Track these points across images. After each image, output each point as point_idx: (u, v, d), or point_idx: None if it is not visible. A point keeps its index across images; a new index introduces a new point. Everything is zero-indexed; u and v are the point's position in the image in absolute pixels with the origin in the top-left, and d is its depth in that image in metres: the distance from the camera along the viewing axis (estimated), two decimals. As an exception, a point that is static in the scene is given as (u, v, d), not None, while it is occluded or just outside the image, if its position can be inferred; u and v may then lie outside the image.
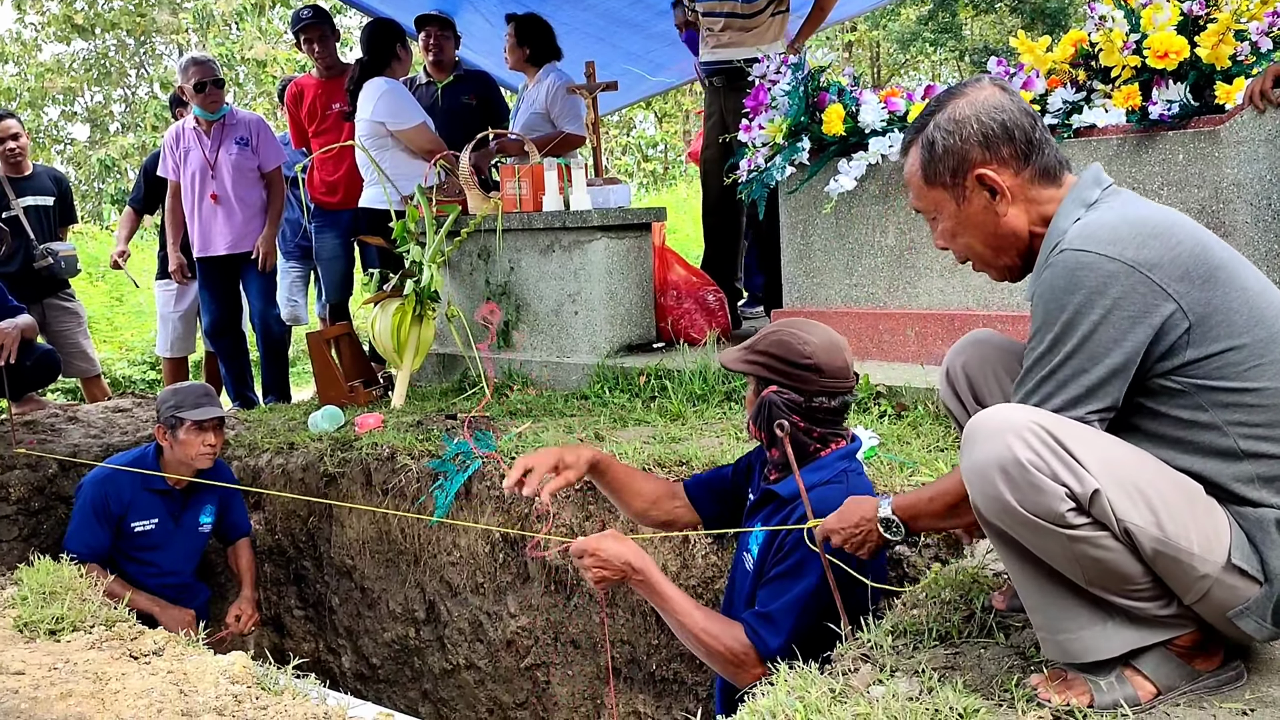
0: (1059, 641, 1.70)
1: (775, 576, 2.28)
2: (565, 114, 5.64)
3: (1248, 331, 1.65)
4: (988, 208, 1.83)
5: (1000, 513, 1.63)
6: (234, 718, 1.84)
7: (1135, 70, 3.54)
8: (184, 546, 4.03)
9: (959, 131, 1.81)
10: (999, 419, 1.63)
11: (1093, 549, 1.59)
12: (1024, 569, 1.71)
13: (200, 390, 3.94)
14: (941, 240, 1.94)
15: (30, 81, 17.44)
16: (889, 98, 4.06)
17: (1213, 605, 1.63)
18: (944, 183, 1.85)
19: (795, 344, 2.33)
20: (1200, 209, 3.41)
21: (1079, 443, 1.59)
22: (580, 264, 4.75)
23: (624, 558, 2.32)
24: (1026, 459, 1.57)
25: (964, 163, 1.81)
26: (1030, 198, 1.81)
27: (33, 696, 1.90)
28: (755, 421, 2.40)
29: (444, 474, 3.93)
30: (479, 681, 4.06)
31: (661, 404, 4.23)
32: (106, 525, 3.77)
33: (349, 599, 4.42)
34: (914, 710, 1.72)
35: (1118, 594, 1.64)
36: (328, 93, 6.00)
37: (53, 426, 4.96)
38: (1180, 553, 1.59)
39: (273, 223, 5.79)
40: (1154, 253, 1.64)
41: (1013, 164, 1.80)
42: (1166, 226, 1.68)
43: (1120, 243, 1.65)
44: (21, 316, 4.36)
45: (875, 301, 4.18)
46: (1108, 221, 1.69)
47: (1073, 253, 1.67)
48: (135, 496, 3.84)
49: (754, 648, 2.22)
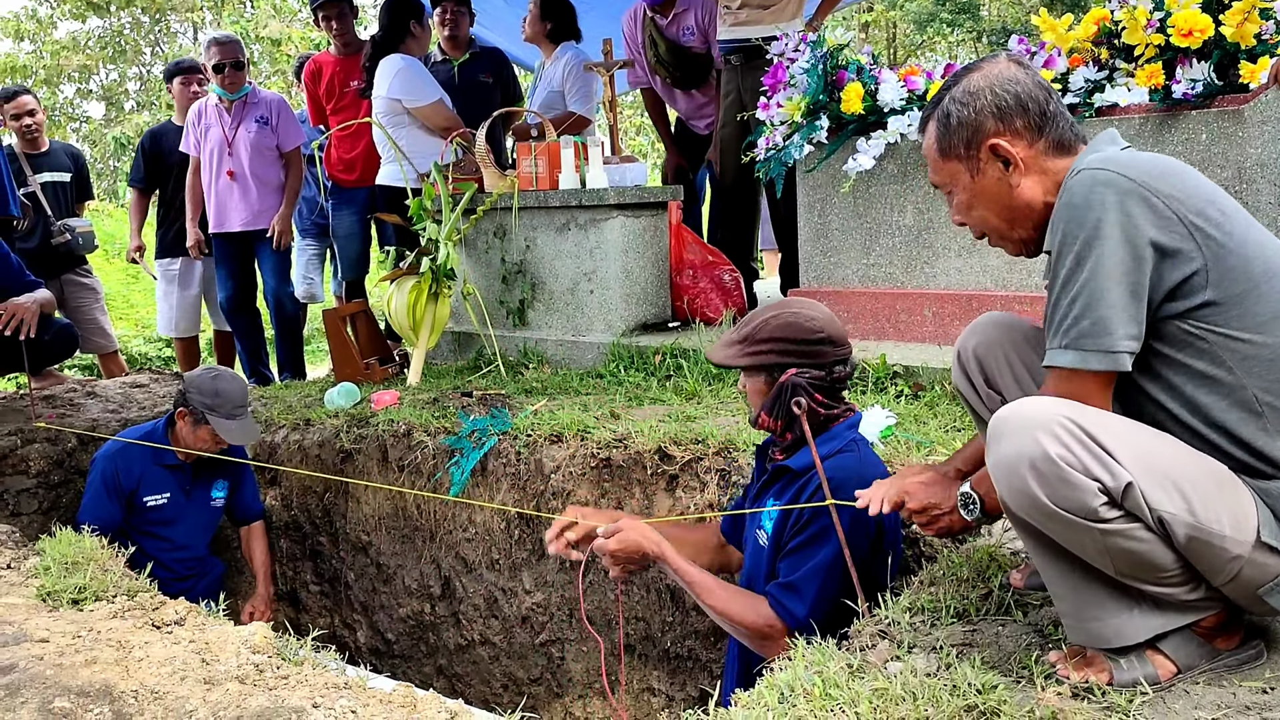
0: (1086, 627, 1.69)
1: (795, 548, 2.29)
2: (577, 93, 5.62)
3: (1265, 280, 1.64)
4: (1001, 179, 1.83)
5: (1030, 508, 1.61)
6: (256, 686, 1.86)
7: (1159, 49, 3.50)
8: (197, 521, 4.05)
9: (973, 103, 1.82)
10: (1026, 413, 1.61)
11: (1125, 541, 1.58)
12: (1051, 560, 1.70)
13: (239, 399, 3.84)
14: (958, 214, 1.94)
15: (46, 59, 17.49)
16: (908, 76, 4.03)
17: (1243, 585, 1.62)
18: (959, 155, 1.86)
19: (802, 322, 2.33)
20: (1223, 189, 3.38)
21: (1109, 434, 1.57)
22: (596, 242, 4.75)
23: (640, 548, 2.36)
24: (1057, 454, 1.55)
25: (978, 134, 1.82)
26: (1044, 169, 1.81)
27: (58, 663, 1.92)
28: (772, 411, 2.37)
29: (460, 451, 3.94)
30: (494, 657, 4.08)
31: (677, 383, 4.23)
32: (117, 499, 3.79)
33: (364, 574, 4.44)
34: (932, 686, 1.72)
35: (1148, 582, 1.64)
36: (346, 70, 6.00)
37: (71, 401, 4.99)
38: (1213, 536, 1.57)
39: (289, 202, 5.81)
40: (1171, 185, 1.63)
41: (1026, 135, 1.81)
42: (1184, 168, 1.69)
43: (1139, 168, 1.65)
44: (40, 291, 4.38)
45: (893, 281, 4.17)
46: (1121, 157, 1.69)
47: (1090, 171, 1.66)
48: (146, 471, 3.86)
49: (780, 618, 2.23)
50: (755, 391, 2.40)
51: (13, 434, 4.32)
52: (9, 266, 4.45)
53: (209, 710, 1.74)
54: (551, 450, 3.74)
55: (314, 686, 1.88)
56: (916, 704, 1.67)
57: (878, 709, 1.68)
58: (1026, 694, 1.70)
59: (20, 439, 4.33)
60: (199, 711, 1.74)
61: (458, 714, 1.76)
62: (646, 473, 3.50)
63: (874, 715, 1.66)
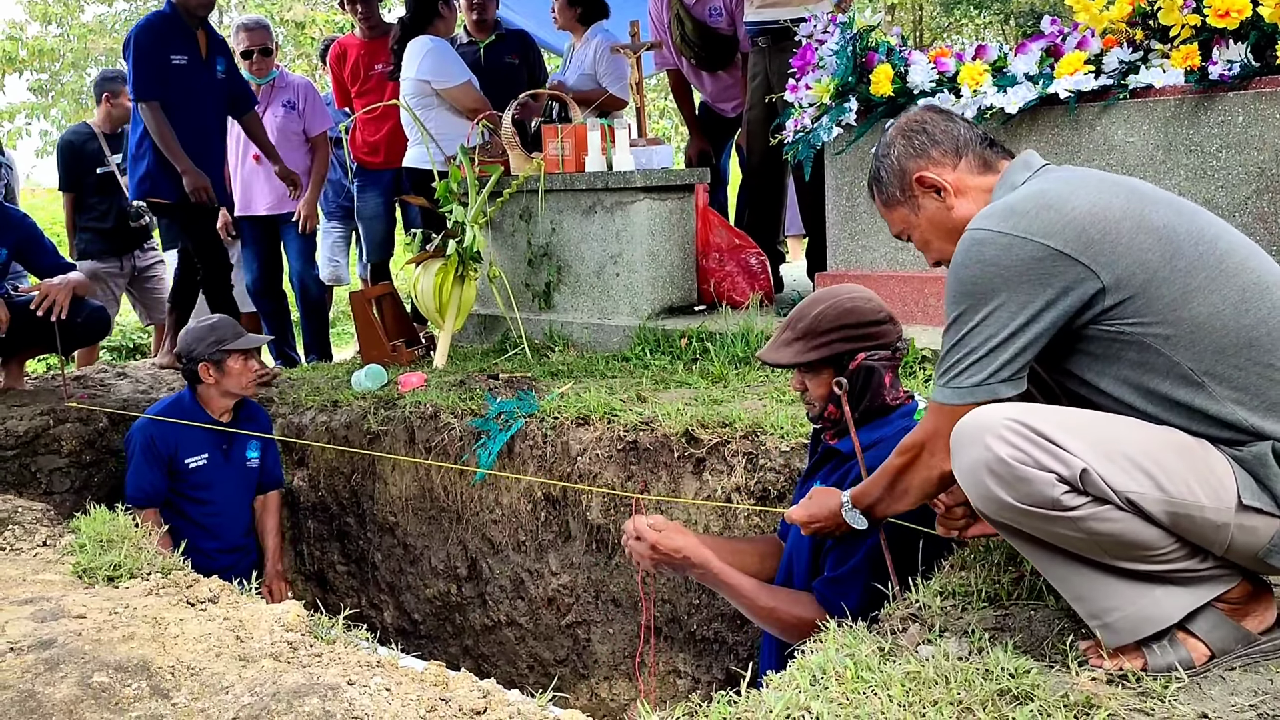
0: (1112, 625, 1.68)
1: (841, 539, 2.28)
2: (610, 74, 5.61)
3: (1165, 264, 1.67)
4: (939, 206, 1.97)
5: (1001, 509, 1.65)
6: (290, 664, 1.88)
7: (1195, 29, 3.45)
8: (236, 483, 4.05)
9: (890, 153, 2.00)
10: (975, 423, 1.68)
11: (1101, 524, 1.59)
12: (1053, 562, 1.71)
13: (228, 323, 3.97)
14: (922, 250, 2.09)
15: (73, 42, 17.56)
16: (938, 58, 3.99)
17: (1241, 551, 1.63)
18: (898, 200, 2.01)
19: (860, 305, 2.33)
20: (1259, 171, 3.34)
21: (1056, 428, 1.61)
22: (622, 225, 4.74)
23: (683, 551, 2.40)
24: (1008, 455, 1.61)
25: (904, 175, 1.98)
26: (974, 186, 1.94)
27: (95, 639, 1.95)
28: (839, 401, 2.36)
29: (487, 433, 3.96)
30: (520, 638, 4.11)
31: (703, 366, 4.23)
32: (159, 467, 3.81)
33: (391, 555, 4.47)
34: (964, 670, 1.72)
35: (1149, 561, 1.63)
36: (370, 53, 6.01)
37: (102, 381, 5.04)
38: (1190, 508, 1.59)
39: (315, 186, 5.83)
40: (1047, 220, 1.70)
41: (947, 161, 1.96)
42: (1064, 194, 1.74)
43: (1014, 216, 1.72)
44: (73, 273, 4.42)
45: (921, 265, 4.14)
46: (1008, 201, 1.77)
47: (970, 232, 1.77)
48: (182, 433, 3.88)
49: (828, 614, 2.23)
50: (820, 385, 2.36)
51: (45, 414, 4.37)
52: (43, 249, 4.49)
53: (245, 686, 1.76)
54: (578, 433, 3.75)
55: (347, 664, 1.89)
56: (950, 688, 1.67)
57: (910, 692, 1.67)
58: (1060, 679, 1.69)
59: (53, 419, 4.38)
60: (235, 688, 1.76)
61: (490, 693, 1.78)
62: (673, 456, 3.50)
63: (906, 699, 1.66)
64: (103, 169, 5.99)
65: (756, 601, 2.35)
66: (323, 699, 1.66)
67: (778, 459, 3.29)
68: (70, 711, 1.69)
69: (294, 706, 1.64)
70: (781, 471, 3.27)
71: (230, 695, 1.74)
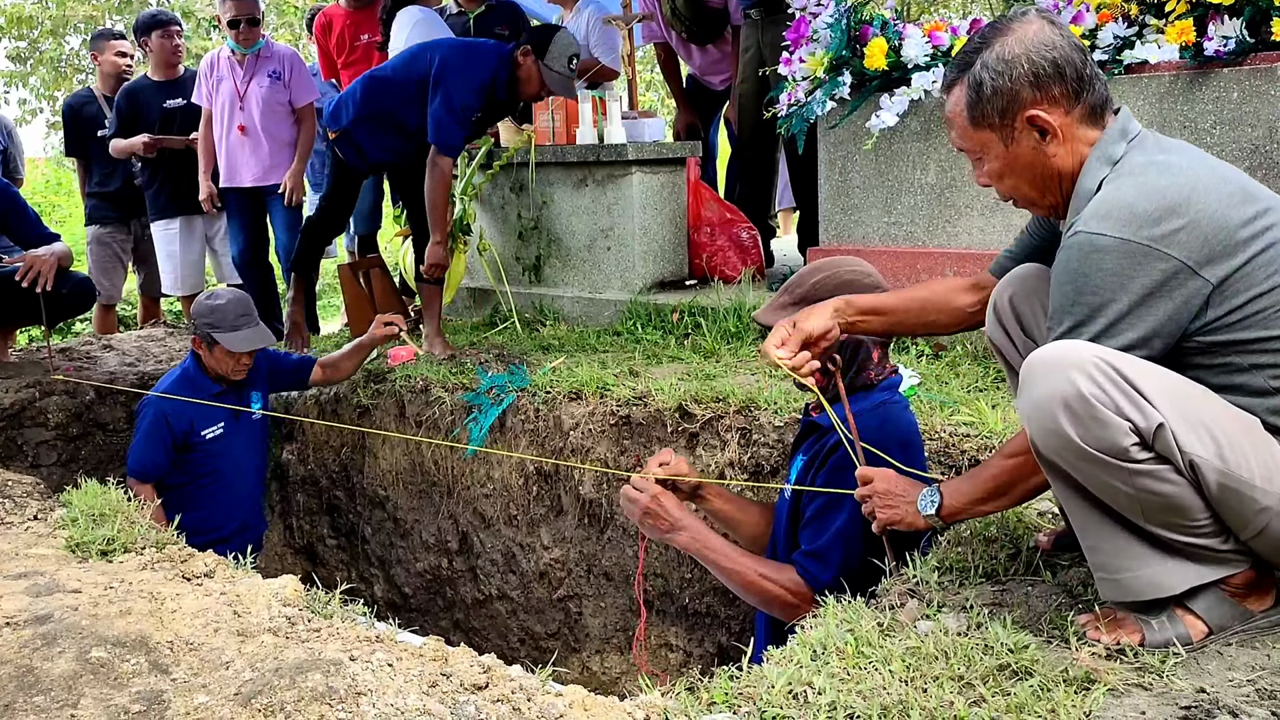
0: (1119, 580, 1.69)
1: (815, 513, 2.30)
2: (602, 45, 5.56)
3: (1268, 279, 1.65)
4: (1037, 148, 1.80)
5: (1061, 449, 1.62)
6: (289, 639, 1.87)
7: (1190, 4, 3.43)
8: (247, 446, 3.95)
9: (1009, 72, 1.76)
10: (1060, 353, 1.63)
11: (1155, 483, 1.59)
12: (1082, 508, 1.70)
13: (238, 308, 3.79)
14: (985, 179, 1.91)
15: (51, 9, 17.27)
16: (933, 31, 3.97)
17: (1271, 539, 1.63)
18: (991, 124, 1.81)
19: (859, 277, 2.34)
20: (1254, 149, 3.34)
21: (1142, 376, 1.59)
22: (614, 198, 4.72)
23: (674, 517, 2.38)
24: (1090, 393, 1.57)
25: (1014, 103, 1.77)
26: (1078, 138, 1.79)
27: (93, 614, 1.93)
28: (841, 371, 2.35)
29: (478, 407, 3.94)
30: (511, 612, 4.11)
31: (695, 341, 4.22)
32: (166, 445, 3.71)
33: (381, 529, 4.47)
34: (964, 645, 1.73)
35: (1177, 530, 1.64)
36: (356, 23, 5.93)
37: (88, 354, 5.00)
38: (1242, 484, 1.59)
39: (301, 158, 5.76)
40: (1172, 227, 1.62)
41: (1063, 103, 1.77)
42: (1186, 196, 1.64)
43: (1136, 221, 1.63)
44: (58, 244, 4.35)
45: (914, 240, 4.14)
46: (1125, 198, 1.66)
47: (1088, 236, 1.66)
48: (196, 407, 3.77)
49: (807, 585, 2.24)
50: None
51: (31, 386, 4.33)
52: (27, 220, 4.42)
53: (245, 662, 1.76)
54: (571, 407, 3.74)
55: (346, 639, 1.89)
56: (950, 663, 1.68)
57: (911, 667, 1.68)
58: (1060, 654, 1.71)
59: (39, 391, 4.33)
60: (236, 663, 1.76)
61: (491, 668, 1.77)
62: (667, 430, 3.50)
63: (907, 674, 1.67)
64: (103, 132, 5.93)
65: (737, 568, 2.33)
66: (325, 674, 1.66)
67: (771, 434, 3.29)
68: (69, 687, 1.68)
69: (296, 682, 1.63)
70: (775, 446, 3.28)
71: (231, 670, 1.73)
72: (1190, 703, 1.54)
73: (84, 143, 6.09)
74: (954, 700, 1.56)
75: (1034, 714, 1.52)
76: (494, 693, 1.68)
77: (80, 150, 6.16)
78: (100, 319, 6.32)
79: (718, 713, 1.62)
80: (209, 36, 14.60)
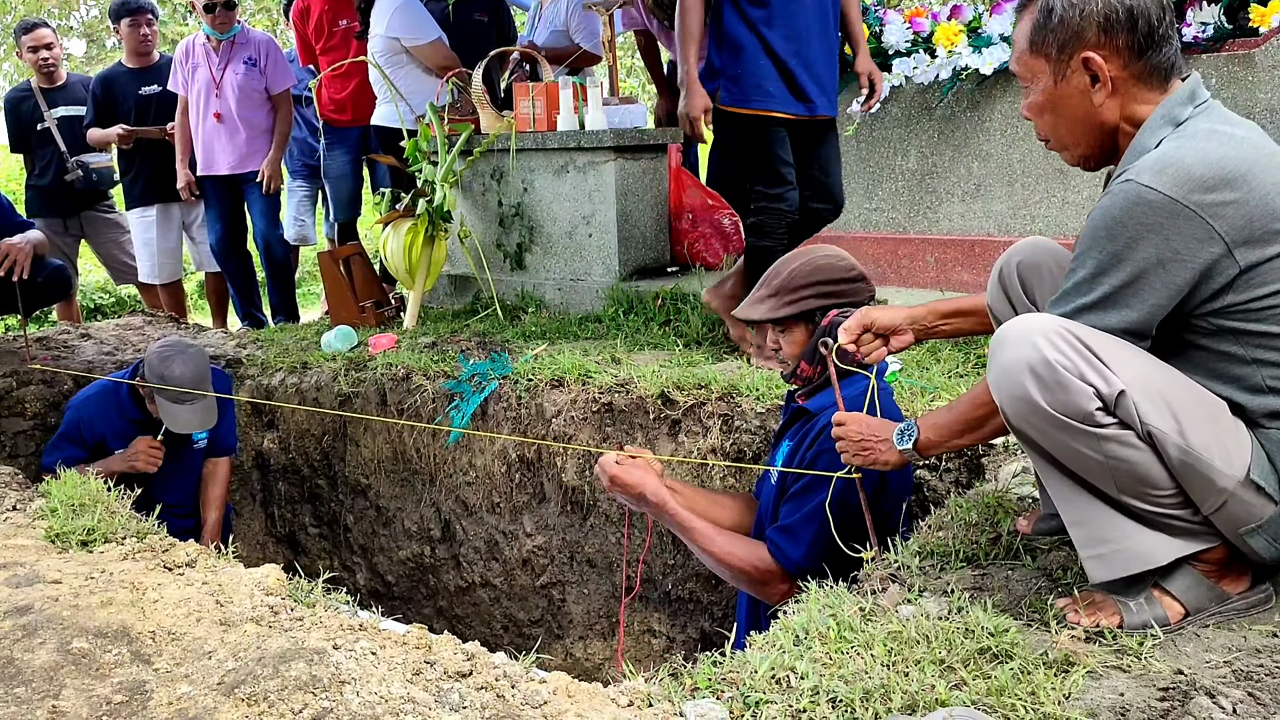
0: (1101, 556, 1.70)
1: (796, 492, 2.32)
2: (583, 30, 5.53)
3: None
4: (1084, 93, 1.75)
5: (1029, 414, 1.65)
6: (272, 628, 1.87)
7: (1169, -8, 3.46)
8: (179, 465, 3.75)
9: (1083, 6, 1.71)
10: (1027, 323, 1.67)
11: (1122, 449, 1.62)
12: (1062, 483, 1.72)
13: (186, 383, 3.47)
14: (1028, 111, 1.87)
15: (14, 1, 17.06)
16: (914, 18, 3.98)
17: (1228, 519, 1.66)
18: (1048, 54, 1.76)
19: (834, 263, 2.35)
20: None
21: (1106, 347, 1.63)
22: (595, 185, 4.71)
23: (639, 487, 2.39)
24: (1054, 359, 1.61)
25: (1076, 39, 1.72)
26: (1130, 94, 1.74)
27: (74, 605, 1.92)
28: (813, 359, 2.36)
29: (460, 395, 3.94)
30: (494, 599, 4.12)
31: (677, 327, 4.22)
32: (75, 449, 3.59)
33: (363, 517, 4.46)
34: (945, 629, 1.74)
35: (1149, 501, 1.66)
36: (335, 9, 5.88)
37: (65, 343, 4.95)
38: (1200, 462, 1.62)
39: (278, 146, 5.72)
40: (1222, 199, 1.60)
41: (1125, 55, 1.71)
42: (1243, 172, 1.62)
43: (1189, 183, 1.60)
44: (32, 232, 4.31)
45: (895, 226, 4.15)
46: (1184, 159, 1.62)
47: (1137, 186, 1.63)
48: (111, 430, 3.61)
49: (777, 561, 2.26)
50: (793, 344, 2.39)
51: (8, 376, 4.29)
52: (0, 208, 4.38)
53: (229, 651, 1.75)
54: (553, 394, 3.74)
55: (330, 628, 1.88)
56: (931, 647, 1.69)
57: (893, 652, 1.69)
58: (1039, 637, 1.72)
59: (16, 380, 4.30)
60: (219, 653, 1.75)
61: (475, 656, 1.77)
62: (649, 418, 3.51)
63: (889, 658, 1.68)
64: (41, 125, 5.89)
65: (709, 544, 2.36)
66: (309, 663, 1.65)
67: (753, 420, 3.30)
68: (50, 678, 1.67)
69: (280, 671, 1.63)
70: (757, 433, 3.29)
71: (214, 660, 1.73)
72: (1168, 684, 1.56)
73: (25, 137, 6.03)
74: (935, 683, 1.58)
75: (1014, 696, 1.54)
76: (478, 680, 1.68)
77: (23, 145, 6.09)
78: (62, 308, 6.27)
79: (701, 698, 1.63)
80: (185, 21, 14.42)
